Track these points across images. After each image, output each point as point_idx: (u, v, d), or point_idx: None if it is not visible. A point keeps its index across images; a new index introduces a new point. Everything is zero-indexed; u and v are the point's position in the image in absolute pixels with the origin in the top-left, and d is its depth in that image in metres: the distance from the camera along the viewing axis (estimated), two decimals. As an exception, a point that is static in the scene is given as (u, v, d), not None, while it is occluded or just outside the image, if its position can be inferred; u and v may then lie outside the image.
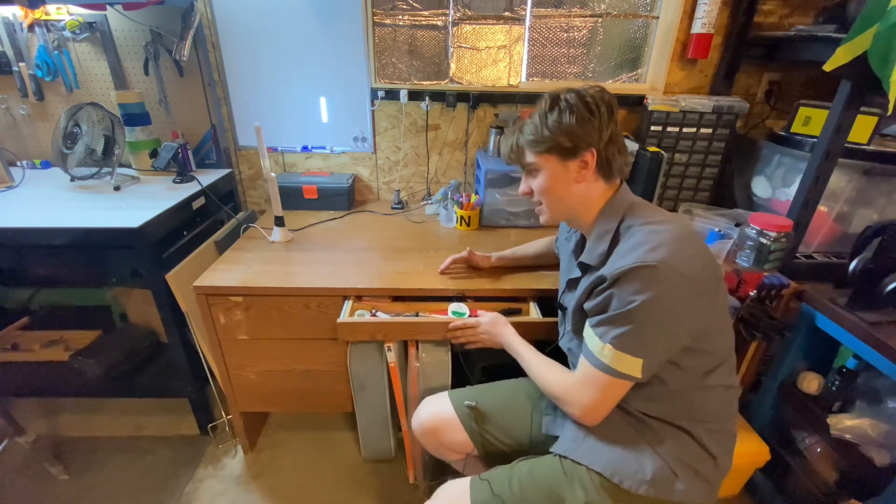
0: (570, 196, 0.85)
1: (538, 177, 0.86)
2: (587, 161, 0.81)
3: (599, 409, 0.80)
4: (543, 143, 0.82)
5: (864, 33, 0.97)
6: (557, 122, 0.80)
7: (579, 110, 0.79)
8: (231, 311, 1.21)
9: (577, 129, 0.79)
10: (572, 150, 0.81)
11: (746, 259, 1.31)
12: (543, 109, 0.82)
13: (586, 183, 0.84)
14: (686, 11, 1.55)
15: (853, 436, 1.10)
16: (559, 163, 0.83)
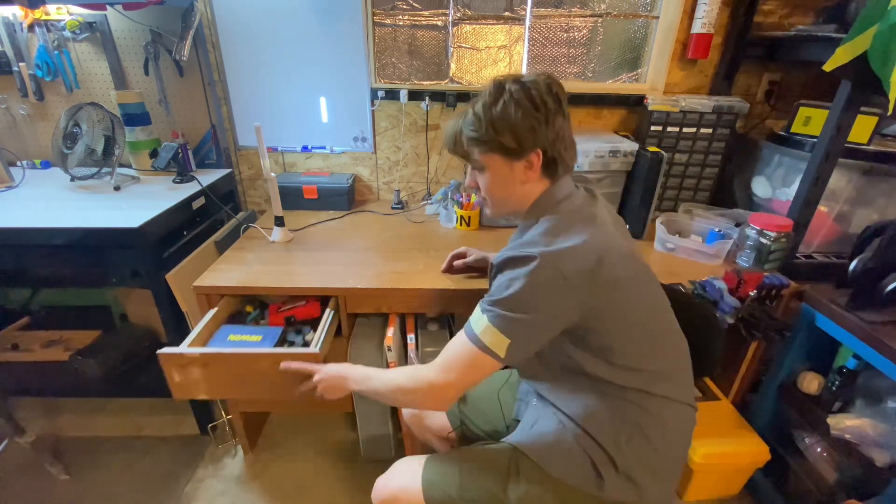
0: (514, 195, 0.82)
1: (483, 174, 0.83)
2: (532, 162, 0.77)
3: (451, 385, 0.76)
4: (487, 142, 0.77)
5: (864, 33, 0.97)
6: (501, 118, 0.75)
7: (524, 105, 0.74)
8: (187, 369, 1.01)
9: (522, 127, 0.74)
10: (517, 150, 0.76)
11: (746, 259, 1.31)
12: (486, 101, 0.76)
13: (531, 182, 0.80)
14: (686, 11, 1.55)
15: (853, 436, 1.10)
16: (504, 163, 0.79)
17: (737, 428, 1.32)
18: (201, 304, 1.22)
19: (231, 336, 1.11)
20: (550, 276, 0.70)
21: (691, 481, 1.30)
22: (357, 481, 1.41)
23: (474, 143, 0.79)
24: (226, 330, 1.14)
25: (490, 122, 0.75)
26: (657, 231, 1.42)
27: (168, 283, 1.32)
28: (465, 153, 0.83)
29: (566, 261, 0.71)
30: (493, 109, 0.75)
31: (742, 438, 1.29)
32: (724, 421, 1.34)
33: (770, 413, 1.35)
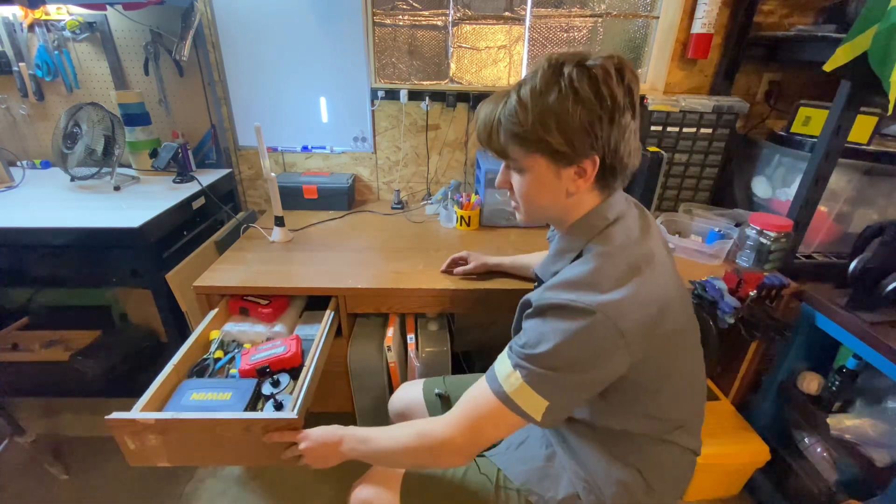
0: (556, 206, 0.67)
1: (521, 176, 0.67)
2: (586, 169, 0.62)
3: (474, 444, 0.65)
4: (531, 142, 0.61)
5: (864, 33, 0.97)
6: (553, 112, 0.58)
7: (586, 98, 0.57)
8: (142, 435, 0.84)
9: (578, 126, 0.58)
10: (569, 155, 0.61)
11: (746, 259, 1.31)
12: (536, 85, 0.60)
13: (580, 193, 0.66)
14: (686, 11, 1.55)
15: (853, 436, 1.10)
16: (549, 168, 0.63)
17: (737, 428, 1.32)
18: (201, 304, 1.21)
19: (194, 395, 0.91)
20: (607, 334, 0.58)
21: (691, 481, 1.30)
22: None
23: (515, 140, 0.63)
24: (188, 386, 0.94)
25: (539, 115, 0.59)
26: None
27: (168, 283, 1.32)
28: (501, 149, 0.66)
29: (625, 314, 0.58)
30: (545, 99, 0.58)
31: (742, 438, 1.29)
32: (724, 421, 1.34)
33: (770, 413, 1.35)
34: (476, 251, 1.28)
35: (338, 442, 0.77)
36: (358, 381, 1.28)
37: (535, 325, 0.62)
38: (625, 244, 0.65)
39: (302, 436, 0.79)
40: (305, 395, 0.91)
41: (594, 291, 0.59)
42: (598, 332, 0.58)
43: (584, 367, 0.60)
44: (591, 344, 0.58)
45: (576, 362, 0.59)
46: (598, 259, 0.63)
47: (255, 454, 0.87)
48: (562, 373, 0.60)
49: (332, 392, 1.35)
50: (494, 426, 0.65)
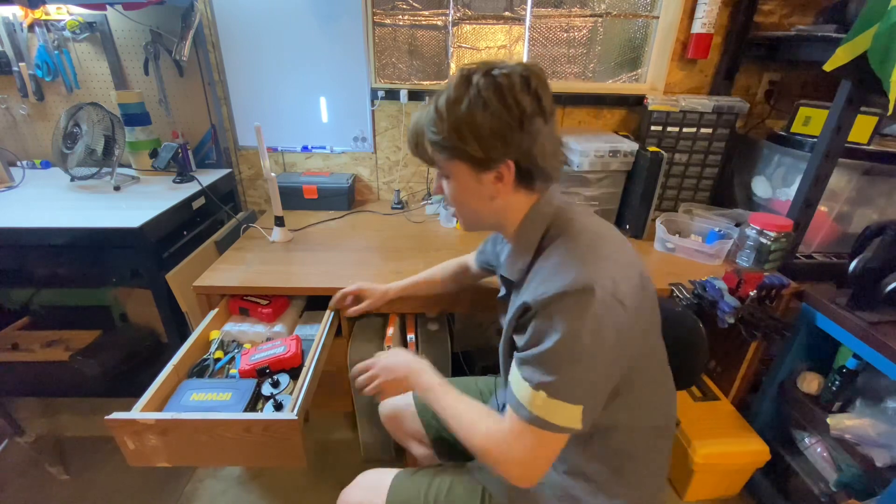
0: (486, 210, 0.70)
1: (448, 183, 0.70)
2: (503, 174, 0.65)
3: (535, 471, 0.64)
4: (450, 149, 0.64)
5: (864, 33, 0.97)
6: (465, 121, 0.61)
7: (493, 106, 0.60)
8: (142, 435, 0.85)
9: (489, 134, 0.61)
10: (484, 161, 0.63)
11: (746, 259, 1.31)
12: (450, 95, 0.62)
13: (503, 196, 0.68)
14: (686, 11, 1.55)
15: (853, 436, 1.10)
16: (470, 174, 0.66)
17: (737, 428, 1.32)
18: (201, 304, 1.21)
19: (194, 395, 0.91)
20: (610, 306, 0.58)
21: (691, 481, 1.30)
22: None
23: (436, 148, 0.66)
24: (187, 386, 0.94)
25: (453, 123, 0.62)
26: (657, 231, 1.42)
27: (168, 283, 1.32)
28: (428, 157, 0.70)
29: (617, 282, 0.60)
30: (457, 108, 0.61)
31: (742, 438, 1.29)
32: (724, 421, 1.34)
33: (770, 413, 1.35)
34: (371, 281, 1.15)
35: (403, 377, 0.80)
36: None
37: (541, 325, 0.61)
38: (582, 224, 0.68)
39: (374, 371, 0.83)
40: (305, 395, 0.91)
41: (581, 269, 0.60)
42: (603, 306, 0.58)
43: (602, 348, 0.59)
44: (601, 321, 0.58)
45: (594, 346, 0.58)
46: (566, 242, 0.65)
47: (256, 455, 0.87)
48: (583, 364, 0.58)
49: (332, 392, 1.35)
50: (544, 450, 0.63)
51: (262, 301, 1.19)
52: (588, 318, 0.58)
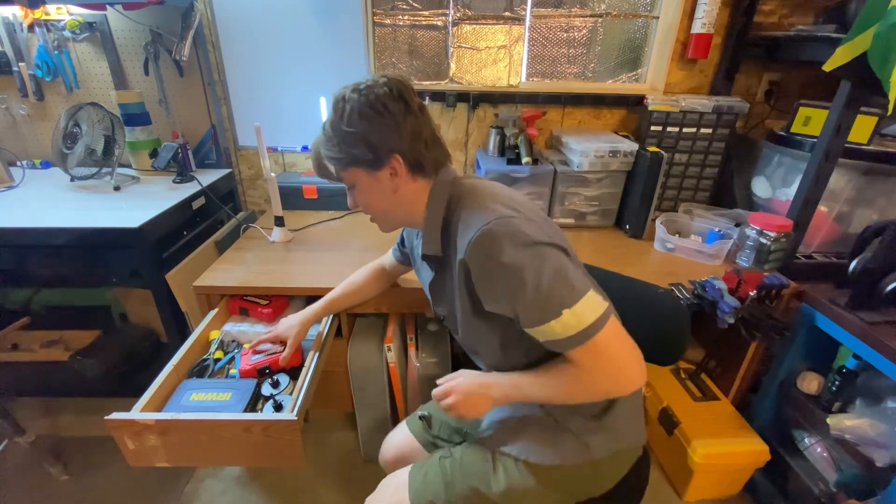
0: (395, 205, 0.79)
1: (355, 191, 0.79)
2: (395, 168, 0.74)
3: (632, 364, 0.69)
4: (342, 158, 0.74)
5: (864, 33, 0.97)
6: (348, 132, 0.71)
7: (367, 114, 0.70)
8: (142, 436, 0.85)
9: (370, 135, 0.71)
10: (375, 160, 0.73)
11: (746, 259, 1.31)
12: (331, 117, 0.73)
13: (403, 189, 0.76)
14: (686, 11, 1.55)
15: (853, 436, 1.10)
16: (368, 175, 0.75)
17: (737, 428, 1.32)
18: (201, 304, 1.21)
19: (193, 395, 0.91)
20: (518, 216, 0.68)
21: (691, 481, 1.30)
22: (357, 482, 1.41)
23: (333, 162, 0.76)
24: (187, 387, 0.94)
25: (340, 138, 0.72)
26: (657, 231, 1.42)
27: (168, 283, 1.32)
28: (330, 174, 0.80)
29: (517, 204, 0.72)
30: (340, 124, 0.71)
31: (742, 438, 1.29)
32: (724, 421, 1.34)
33: (770, 413, 1.35)
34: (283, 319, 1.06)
35: (486, 392, 0.78)
36: (358, 381, 1.28)
37: (492, 272, 0.67)
38: (473, 183, 0.78)
39: (451, 388, 0.79)
40: (305, 395, 0.91)
41: (487, 206, 0.70)
42: (517, 219, 0.68)
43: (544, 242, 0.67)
44: (526, 227, 0.67)
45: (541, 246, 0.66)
46: (465, 200, 0.74)
47: (255, 455, 0.87)
48: (550, 264, 0.66)
49: (332, 392, 1.35)
50: (617, 344, 0.68)
51: (262, 301, 1.19)
52: (517, 234, 0.66)
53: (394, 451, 1.06)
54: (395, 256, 1.10)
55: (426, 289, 0.91)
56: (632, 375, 0.69)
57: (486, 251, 0.67)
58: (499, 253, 0.65)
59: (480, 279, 0.69)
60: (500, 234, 0.66)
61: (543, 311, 0.66)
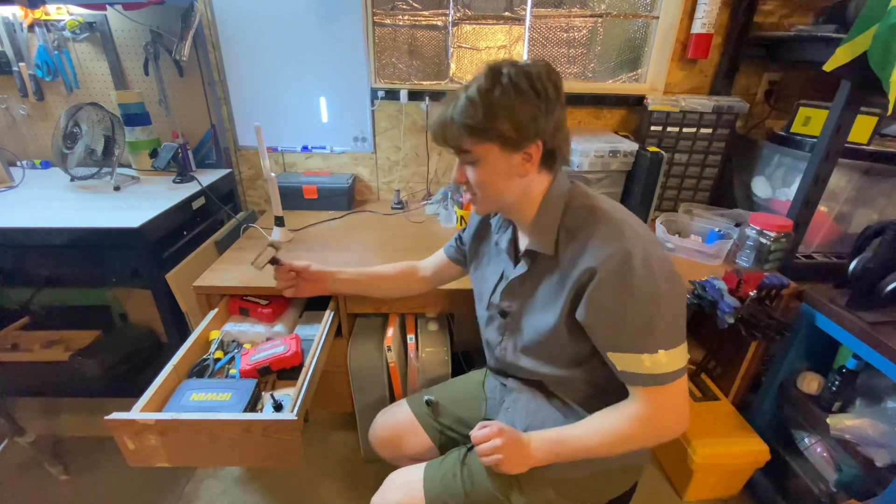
0: (511, 190, 0.74)
1: (476, 167, 0.73)
2: (531, 154, 0.70)
3: (687, 413, 0.72)
4: (483, 131, 0.68)
5: (864, 33, 0.97)
6: (499, 104, 0.66)
7: (524, 91, 0.66)
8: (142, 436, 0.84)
9: (522, 115, 0.67)
10: (516, 140, 0.68)
11: (746, 259, 1.31)
12: (482, 85, 0.67)
13: (529, 175, 0.73)
14: (686, 11, 1.55)
15: (853, 436, 1.10)
16: (501, 154, 0.70)
17: (737, 428, 1.32)
18: (201, 304, 1.21)
19: (193, 395, 0.91)
20: (661, 252, 0.70)
21: (691, 481, 1.30)
22: (357, 482, 1.41)
23: (467, 132, 0.69)
24: (187, 387, 0.93)
25: (487, 107, 0.66)
26: (657, 231, 1.42)
27: (168, 283, 1.32)
28: (455, 144, 0.72)
29: (653, 239, 0.72)
30: (491, 94, 0.66)
31: (742, 438, 1.29)
32: (724, 421, 1.34)
33: (770, 413, 1.35)
34: None
35: (528, 445, 0.76)
36: (358, 381, 1.28)
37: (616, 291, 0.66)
38: (600, 199, 0.76)
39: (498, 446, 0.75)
40: (305, 395, 0.91)
41: (628, 232, 0.68)
42: (658, 253, 0.69)
43: (674, 288, 0.68)
44: (663, 265, 0.68)
45: (670, 289, 0.67)
46: (599, 214, 0.72)
47: (255, 455, 0.87)
48: (669, 307, 0.67)
49: (332, 392, 1.35)
50: (684, 392, 0.71)
51: (262, 301, 1.19)
52: (650, 265, 0.66)
53: (391, 427, 1.03)
54: (448, 254, 1.04)
55: (495, 281, 0.87)
56: (686, 422, 0.72)
57: (628, 268, 0.65)
58: (641, 275, 0.65)
59: (603, 291, 0.67)
60: (651, 257, 0.67)
61: (642, 343, 0.67)
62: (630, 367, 0.68)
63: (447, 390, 1.06)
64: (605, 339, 0.70)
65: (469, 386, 1.05)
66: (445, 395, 1.04)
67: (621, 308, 0.66)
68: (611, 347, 0.70)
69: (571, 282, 0.71)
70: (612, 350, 0.69)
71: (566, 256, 0.73)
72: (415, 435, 1.00)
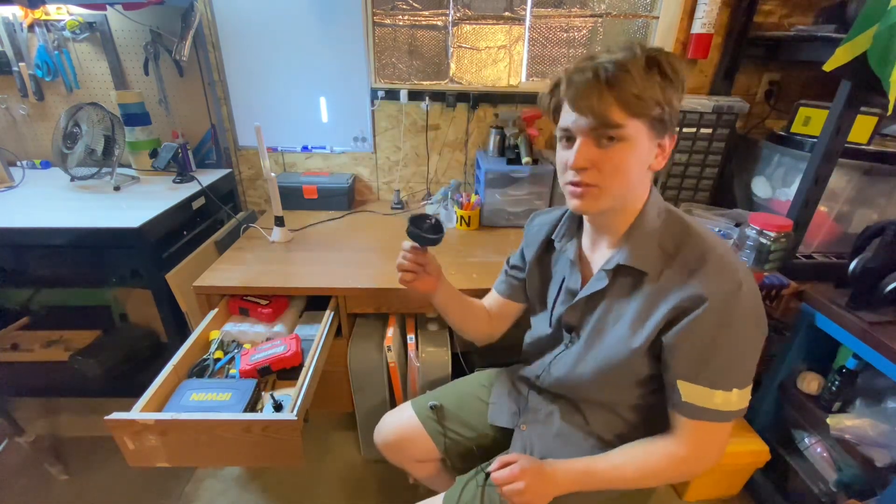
0: (639, 184, 0.67)
1: (616, 148, 0.62)
2: (665, 147, 0.65)
3: (719, 455, 0.70)
4: (640, 103, 0.59)
5: (864, 33, 0.96)
6: (660, 82, 0.60)
7: (679, 80, 0.61)
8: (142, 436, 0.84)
9: (675, 102, 0.61)
10: (664, 124, 0.62)
11: (746, 259, 1.31)
12: (641, 64, 0.59)
13: (650, 174, 0.68)
14: (686, 11, 1.55)
15: (853, 436, 1.10)
16: (648, 137, 0.63)
17: (737, 428, 1.31)
18: (201, 304, 1.21)
19: (193, 395, 0.91)
20: (759, 297, 0.66)
21: (691, 481, 1.30)
22: (357, 482, 1.41)
23: (622, 102, 0.59)
24: (187, 387, 0.94)
25: (644, 80, 0.59)
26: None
27: (168, 283, 1.32)
28: (602, 115, 0.60)
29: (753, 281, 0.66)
30: (649, 74, 0.59)
31: (742, 438, 1.29)
32: (724, 421, 1.34)
33: (770, 413, 1.35)
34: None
35: (552, 478, 0.73)
36: (358, 381, 1.28)
37: (715, 323, 0.63)
38: (695, 222, 0.71)
39: (519, 474, 0.71)
40: (305, 395, 0.91)
41: (738, 266, 0.64)
42: (758, 298, 0.65)
43: (760, 334, 0.65)
44: (758, 310, 0.65)
45: (758, 335, 0.65)
46: (704, 239, 0.67)
47: (255, 455, 0.87)
48: (754, 352, 0.65)
49: (332, 392, 1.35)
50: (728, 433, 0.69)
51: (262, 301, 1.19)
52: (755, 304, 0.64)
53: (396, 432, 1.01)
54: (499, 290, 0.97)
55: (561, 291, 0.81)
56: (713, 467, 0.70)
57: (736, 304, 0.62)
58: (745, 313, 0.63)
59: (706, 321, 0.63)
60: (756, 296, 0.64)
61: (722, 380, 0.64)
62: (699, 401, 0.65)
63: (451, 394, 1.03)
64: (687, 367, 0.66)
65: (474, 389, 1.03)
66: (450, 398, 1.01)
67: (716, 341, 0.63)
68: (688, 377, 0.66)
69: (670, 306, 0.65)
70: (688, 380, 0.66)
71: (663, 279, 0.67)
72: (420, 439, 0.98)
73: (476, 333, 0.99)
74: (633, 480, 0.72)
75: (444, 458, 1.00)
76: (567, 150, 0.66)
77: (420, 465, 1.04)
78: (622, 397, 0.78)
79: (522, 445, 0.87)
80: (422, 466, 1.04)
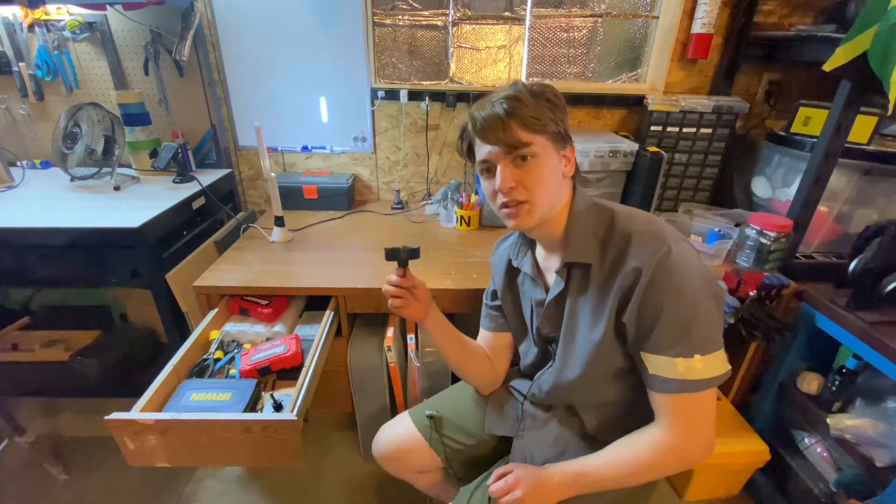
0: (560, 192, 0.74)
1: (531, 164, 0.69)
2: (569, 156, 0.74)
3: (713, 433, 0.69)
4: (537, 121, 0.68)
5: (864, 33, 0.96)
6: (541, 105, 0.68)
7: (562, 103, 0.71)
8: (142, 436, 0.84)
9: (565, 120, 0.71)
10: (562, 136, 0.71)
11: (746, 259, 1.31)
12: (528, 94, 0.69)
13: (565, 181, 0.75)
14: (686, 11, 1.55)
15: (853, 436, 1.10)
16: (553, 148, 0.71)
17: (737, 428, 1.32)
18: (201, 304, 1.21)
19: (193, 395, 0.90)
20: (693, 252, 0.68)
21: (691, 481, 1.30)
22: (357, 482, 1.41)
23: (522, 124, 0.67)
24: (187, 387, 0.93)
25: (533, 103, 0.68)
26: (657, 231, 1.41)
27: (168, 283, 1.32)
28: (511, 138, 0.68)
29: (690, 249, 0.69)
30: (532, 94, 0.69)
31: (742, 438, 1.29)
32: (724, 421, 1.34)
33: (770, 413, 1.35)
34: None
35: (549, 482, 0.74)
36: (358, 381, 1.28)
37: (655, 292, 0.65)
38: (620, 205, 0.77)
39: (514, 483, 0.74)
40: (305, 395, 0.91)
41: (664, 231, 0.68)
42: (692, 253, 0.68)
43: (709, 287, 0.66)
44: (698, 263, 0.67)
45: (705, 289, 0.65)
46: (631, 217, 0.72)
47: (255, 455, 0.87)
48: (707, 309, 0.65)
49: (332, 392, 1.35)
50: (714, 405, 0.69)
51: (262, 301, 1.19)
52: (693, 264, 0.65)
53: (394, 444, 1.00)
54: (485, 326, 0.98)
55: (532, 308, 0.85)
56: (713, 446, 0.69)
57: (670, 264, 0.64)
58: (682, 271, 0.64)
59: (651, 288, 0.65)
60: (690, 254, 0.67)
61: (679, 344, 0.64)
62: (663, 372, 0.66)
63: (449, 401, 1.03)
64: (643, 336, 0.67)
65: (472, 394, 1.02)
66: (448, 406, 1.01)
67: (664, 305, 0.64)
68: (647, 347, 0.67)
69: (616, 288, 0.69)
70: (647, 350, 0.67)
71: (605, 266, 0.71)
72: (419, 450, 0.97)
73: (479, 378, 0.97)
74: (627, 475, 0.71)
75: (446, 468, 1.00)
76: (491, 180, 0.73)
77: (421, 476, 1.04)
78: (611, 394, 0.78)
79: (522, 453, 0.87)
80: (423, 477, 1.04)
